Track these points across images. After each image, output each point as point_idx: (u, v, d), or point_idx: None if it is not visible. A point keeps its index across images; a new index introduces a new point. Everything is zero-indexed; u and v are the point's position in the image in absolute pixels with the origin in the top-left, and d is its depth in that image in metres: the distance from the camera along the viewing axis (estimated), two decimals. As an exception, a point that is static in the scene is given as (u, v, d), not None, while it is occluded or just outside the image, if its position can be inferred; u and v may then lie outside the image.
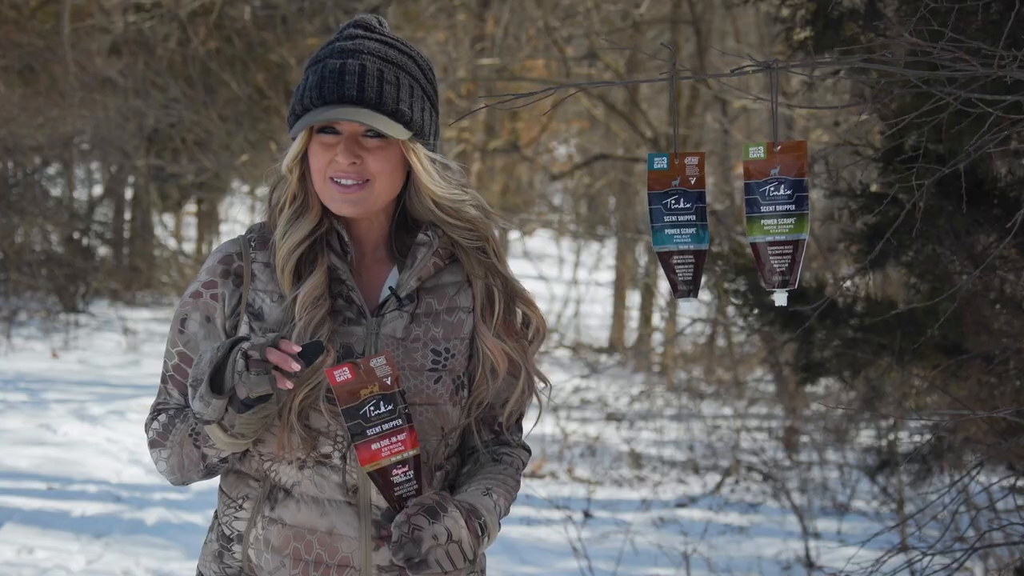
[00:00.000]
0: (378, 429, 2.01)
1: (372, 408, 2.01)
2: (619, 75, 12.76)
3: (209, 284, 2.18)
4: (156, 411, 2.17)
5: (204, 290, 2.18)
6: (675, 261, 2.04)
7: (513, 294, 2.24)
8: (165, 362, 2.19)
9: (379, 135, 2.12)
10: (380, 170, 2.12)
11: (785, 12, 4.12)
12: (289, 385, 1.97)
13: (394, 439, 2.02)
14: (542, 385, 2.27)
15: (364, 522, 2.11)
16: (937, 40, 2.36)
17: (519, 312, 2.24)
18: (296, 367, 1.95)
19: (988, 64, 2.29)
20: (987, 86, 2.75)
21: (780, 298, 2.02)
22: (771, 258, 2.00)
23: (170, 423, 2.13)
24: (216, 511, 2.22)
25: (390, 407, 2.02)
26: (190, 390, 2.06)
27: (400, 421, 2.02)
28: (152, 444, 2.16)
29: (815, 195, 9.22)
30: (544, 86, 12.39)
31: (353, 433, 2.01)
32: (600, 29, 12.89)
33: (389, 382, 2.02)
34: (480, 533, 2.05)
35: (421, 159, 2.14)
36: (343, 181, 2.11)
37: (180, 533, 6.27)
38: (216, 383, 2.02)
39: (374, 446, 2.01)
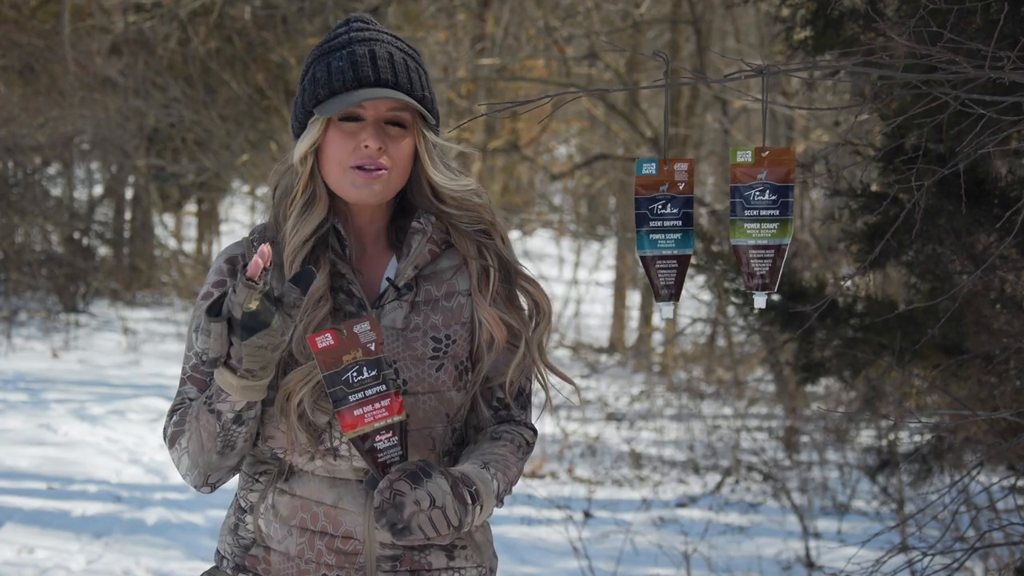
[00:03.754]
0: (360, 395, 1.98)
1: (355, 374, 1.98)
2: (619, 74, 12.75)
3: (218, 283, 2.19)
4: (172, 413, 2.17)
5: (214, 289, 2.19)
6: (658, 266, 2.06)
7: (512, 271, 2.23)
8: (183, 366, 2.20)
9: (400, 124, 2.14)
10: (399, 158, 2.15)
11: (785, 12, 4.12)
12: (259, 264, 1.95)
13: (377, 405, 1.99)
14: (567, 388, 2.25)
15: (370, 499, 2.11)
16: (936, 41, 2.36)
17: (523, 291, 2.24)
18: (267, 251, 1.94)
19: (981, 66, 2.29)
20: (986, 86, 2.75)
21: (759, 301, 2.04)
22: (752, 261, 2.02)
23: (186, 409, 2.13)
24: (235, 491, 2.24)
25: (373, 372, 1.99)
26: (194, 333, 2.10)
27: (384, 387, 1.99)
28: (171, 442, 2.15)
29: (816, 194, 9.23)
30: (544, 87, 12.40)
31: (335, 399, 1.98)
32: (600, 29, 12.89)
33: (373, 348, 1.99)
34: (471, 501, 2.00)
35: (431, 149, 2.18)
36: (368, 167, 2.12)
37: (180, 533, 6.27)
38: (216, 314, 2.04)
39: (356, 412, 1.98)
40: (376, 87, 2.11)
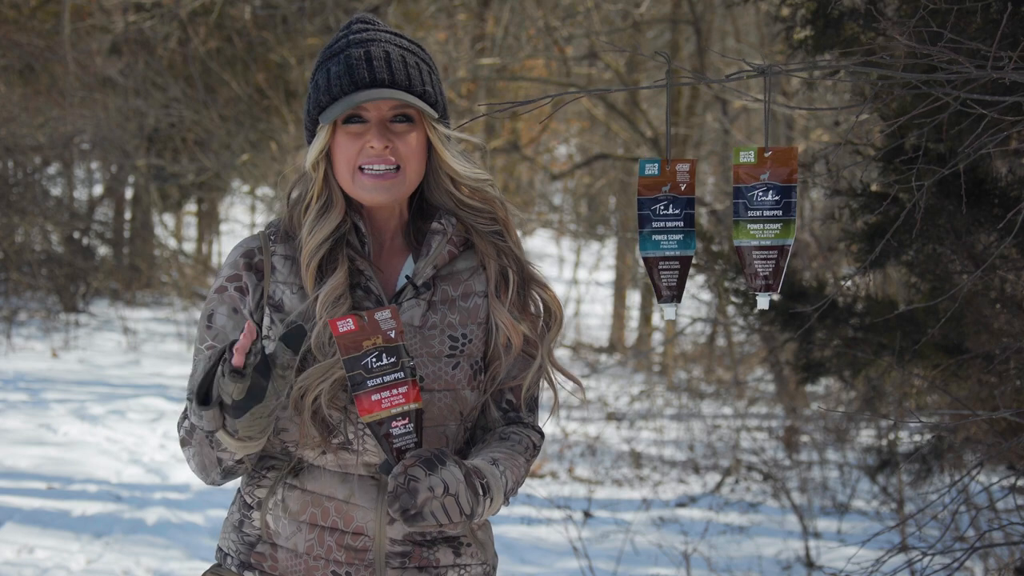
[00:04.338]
0: (379, 380, 2.00)
1: (374, 360, 2.00)
2: (619, 74, 12.75)
3: (233, 278, 2.20)
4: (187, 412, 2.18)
5: (228, 284, 2.20)
6: (661, 267, 2.07)
7: (527, 277, 2.26)
8: (195, 359, 2.21)
9: (407, 119, 2.16)
10: (409, 154, 2.17)
11: (785, 12, 4.11)
12: (238, 361, 1.95)
13: (395, 391, 2.01)
14: (571, 384, 2.27)
15: (382, 495, 2.12)
16: (936, 41, 2.36)
17: (535, 297, 2.26)
18: (251, 334, 1.94)
19: (983, 66, 2.28)
20: (987, 86, 2.75)
21: (763, 302, 2.04)
22: (756, 262, 2.02)
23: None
24: (239, 487, 2.25)
25: (392, 359, 2.01)
26: (187, 402, 2.08)
27: (402, 374, 2.01)
28: (182, 443, 2.17)
29: (816, 194, 9.23)
30: (544, 87, 12.40)
31: (353, 383, 2.00)
32: (600, 29, 12.88)
33: (393, 335, 2.01)
34: (482, 493, 2.02)
35: (443, 139, 2.19)
36: (376, 168, 2.14)
37: (180, 533, 6.27)
38: (206, 394, 2.04)
39: (374, 397, 2.00)
40: (372, 88, 2.13)
